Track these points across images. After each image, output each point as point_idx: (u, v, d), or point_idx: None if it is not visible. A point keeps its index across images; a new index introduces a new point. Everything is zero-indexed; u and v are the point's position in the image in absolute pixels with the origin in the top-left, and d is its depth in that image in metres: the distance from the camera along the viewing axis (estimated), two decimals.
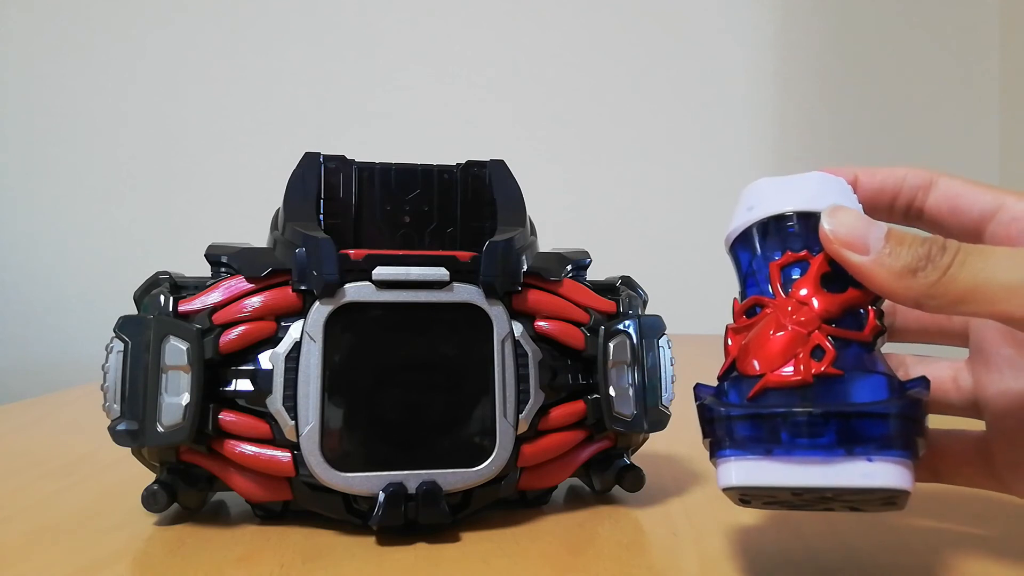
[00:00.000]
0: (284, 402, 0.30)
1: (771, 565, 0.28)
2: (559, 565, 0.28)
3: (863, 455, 0.22)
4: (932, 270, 0.22)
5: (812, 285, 0.24)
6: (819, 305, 0.24)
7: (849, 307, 0.24)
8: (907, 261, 0.23)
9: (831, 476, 0.22)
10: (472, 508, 0.32)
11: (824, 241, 0.24)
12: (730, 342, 0.25)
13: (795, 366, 0.23)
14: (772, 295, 0.25)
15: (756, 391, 0.23)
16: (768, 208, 0.26)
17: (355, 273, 0.31)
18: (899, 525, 0.32)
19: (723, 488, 0.24)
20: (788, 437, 0.22)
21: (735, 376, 0.25)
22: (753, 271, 0.26)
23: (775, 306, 0.24)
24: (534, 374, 0.32)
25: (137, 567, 0.28)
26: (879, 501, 0.23)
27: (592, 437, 0.35)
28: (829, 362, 0.23)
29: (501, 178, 0.36)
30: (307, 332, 0.30)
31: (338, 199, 0.34)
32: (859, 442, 0.22)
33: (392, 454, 0.30)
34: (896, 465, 0.22)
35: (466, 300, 0.31)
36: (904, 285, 0.23)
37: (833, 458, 0.22)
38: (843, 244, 0.23)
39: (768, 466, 0.23)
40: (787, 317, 0.24)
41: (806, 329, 0.24)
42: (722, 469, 0.24)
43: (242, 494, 0.32)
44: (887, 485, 0.22)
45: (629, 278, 0.37)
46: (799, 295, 0.24)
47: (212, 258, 0.33)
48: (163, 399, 0.30)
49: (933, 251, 0.22)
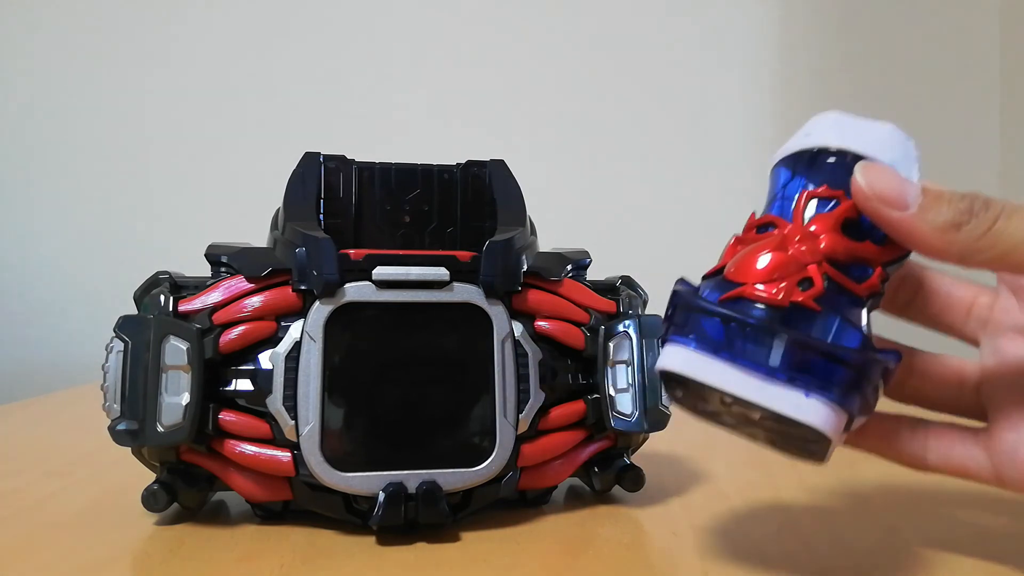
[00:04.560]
0: (284, 402, 0.30)
1: (771, 565, 0.28)
2: (559, 565, 0.28)
3: (802, 387, 0.22)
4: (977, 224, 0.22)
5: (830, 223, 0.24)
6: (827, 243, 0.24)
7: (857, 258, 0.24)
8: (951, 216, 0.22)
9: (763, 395, 0.22)
10: (472, 508, 0.32)
11: (858, 196, 0.24)
12: (727, 247, 0.25)
13: (777, 286, 0.23)
14: (790, 219, 0.25)
15: (730, 296, 0.23)
16: (823, 139, 0.25)
17: (355, 273, 0.31)
18: (899, 525, 0.32)
19: (659, 369, 0.24)
20: (740, 345, 0.22)
21: (719, 279, 0.24)
22: (784, 194, 0.26)
23: (786, 229, 0.24)
24: (534, 374, 0.32)
25: (137, 567, 0.28)
26: (799, 443, 0.23)
27: (592, 437, 0.35)
28: (812, 296, 0.23)
29: (501, 178, 0.36)
30: (307, 332, 0.30)
31: (338, 199, 0.34)
32: (804, 374, 0.22)
33: (392, 454, 0.30)
34: (829, 409, 0.22)
35: (466, 300, 0.31)
36: (948, 239, 0.22)
37: (773, 380, 0.22)
38: (880, 199, 0.23)
39: (710, 364, 0.23)
40: (792, 243, 0.24)
41: (805, 259, 0.23)
42: (668, 350, 0.24)
43: (242, 494, 0.32)
44: (812, 423, 0.22)
45: (629, 278, 0.37)
46: (812, 228, 0.24)
47: (212, 258, 0.33)
48: (163, 399, 0.30)
49: (976, 206, 0.22)
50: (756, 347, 0.22)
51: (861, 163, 0.24)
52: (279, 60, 1.07)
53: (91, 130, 1.05)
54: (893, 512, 0.34)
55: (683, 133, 1.11)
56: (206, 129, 1.06)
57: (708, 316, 0.23)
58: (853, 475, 0.40)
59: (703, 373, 0.23)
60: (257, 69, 1.07)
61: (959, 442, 0.26)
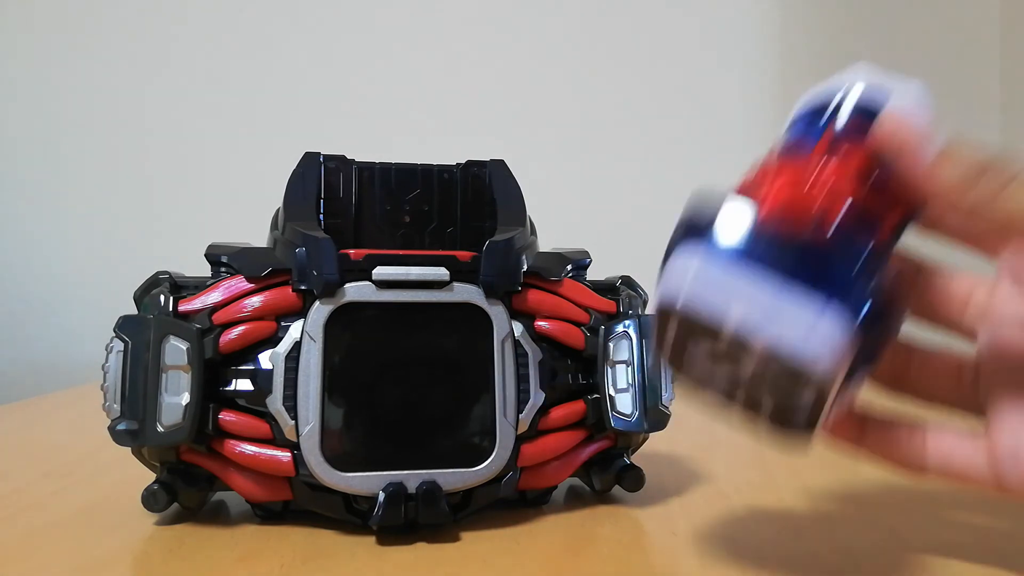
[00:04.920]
0: (284, 402, 0.30)
1: (771, 565, 0.28)
2: (559, 565, 0.28)
3: (822, 295, 0.21)
4: (993, 179, 0.23)
5: (849, 167, 0.24)
6: (845, 183, 0.24)
7: (871, 205, 0.24)
8: (967, 169, 0.23)
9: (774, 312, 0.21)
10: (472, 508, 0.32)
11: (880, 142, 0.24)
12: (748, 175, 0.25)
13: (795, 218, 0.23)
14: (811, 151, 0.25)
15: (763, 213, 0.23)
16: (851, 87, 0.26)
17: (355, 273, 0.31)
18: (899, 526, 0.32)
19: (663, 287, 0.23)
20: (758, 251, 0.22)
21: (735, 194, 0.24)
22: (809, 131, 0.26)
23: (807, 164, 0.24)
24: (534, 374, 0.32)
25: (137, 567, 0.28)
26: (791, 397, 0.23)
27: (592, 437, 0.35)
28: (834, 217, 0.23)
29: (501, 178, 0.36)
30: (307, 332, 0.30)
31: (338, 199, 0.34)
32: (823, 286, 0.21)
33: (392, 454, 0.30)
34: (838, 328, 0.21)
35: (466, 300, 0.31)
36: (962, 191, 0.23)
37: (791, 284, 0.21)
38: (901, 147, 0.24)
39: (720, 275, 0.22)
40: (810, 176, 0.24)
41: (823, 196, 0.23)
42: (672, 264, 0.23)
43: (242, 494, 0.32)
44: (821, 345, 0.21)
45: (629, 278, 0.37)
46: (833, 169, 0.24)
47: (212, 258, 0.33)
48: (163, 399, 0.30)
49: (993, 164, 0.23)
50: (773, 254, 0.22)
51: (885, 112, 0.24)
52: (279, 60, 1.07)
53: (91, 130, 1.05)
54: (893, 513, 0.34)
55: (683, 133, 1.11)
56: (206, 129, 1.06)
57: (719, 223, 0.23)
58: (853, 476, 0.40)
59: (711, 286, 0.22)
60: (257, 69, 1.07)
61: (958, 447, 0.26)
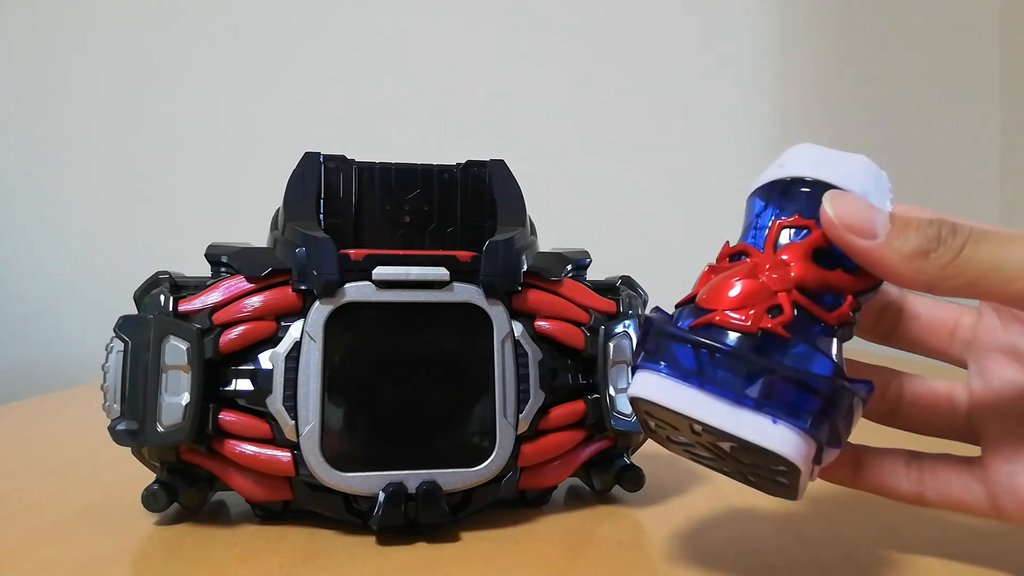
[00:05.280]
0: (284, 402, 0.30)
1: (771, 565, 0.28)
2: (559, 565, 0.28)
3: (769, 414, 0.22)
4: (944, 251, 0.22)
5: (800, 252, 0.24)
6: (797, 271, 0.23)
7: (828, 287, 0.24)
8: (917, 244, 0.22)
9: (731, 422, 0.22)
10: (472, 508, 0.32)
11: (827, 225, 0.23)
12: (700, 276, 0.25)
13: (747, 314, 0.23)
14: (762, 248, 0.25)
15: (701, 322, 0.23)
16: (796, 170, 0.25)
17: (355, 273, 0.31)
18: (899, 526, 0.32)
19: (630, 396, 0.24)
20: (710, 371, 0.22)
21: (691, 307, 0.24)
22: (758, 224, 0.26)
23: (758, 258, 0.24)
24: (534, 374, 0.32)
25: (137, 567, 0.28)
26: (771, 475, 0.23)
27: (592, 437, 0.35)
28: (781, 323, 0.23)
29: (501, 177, 0.36)
30: (307, 332, 0.30)
31: (338, 199, 0.34)
32: (772, 401, 0.22)
33: (392, 454, 0.30)
34: (796, 436, 0.22)
35: (466, 300, 0.31)
36: (915, 268, 0.22)
37: (741, 407, 0.22)
38: (848, 228, 0.23)
39: (679, 390, 0.23)
40: (763, 271, 0.24)
41: (775, 287, 0.23)
42: (638, 377, 0.24)
43: (242, 494, 0.32)
44: (779, 450, 0.21)
45: (629, 278, 0.37)
46: (783, 256, 0.24)
47: (212, 258, 0.33)
48: (163, 399, 0.30)
49: (943, 233, 0.22)
50: (725, 373, 0.22)
51: (830, 192, 0.24)
52: (279, 60, 1.07)
53: (91, 130, 1.05)
54: (893, 513, 0.34)
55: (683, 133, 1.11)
56: (206, 129, 1.06)
57: (678, 342, 0.23)
58: None
59: (672, 399, 0.23)
60: (257, 69, 1.07)
61: (955, 476, 0.26)
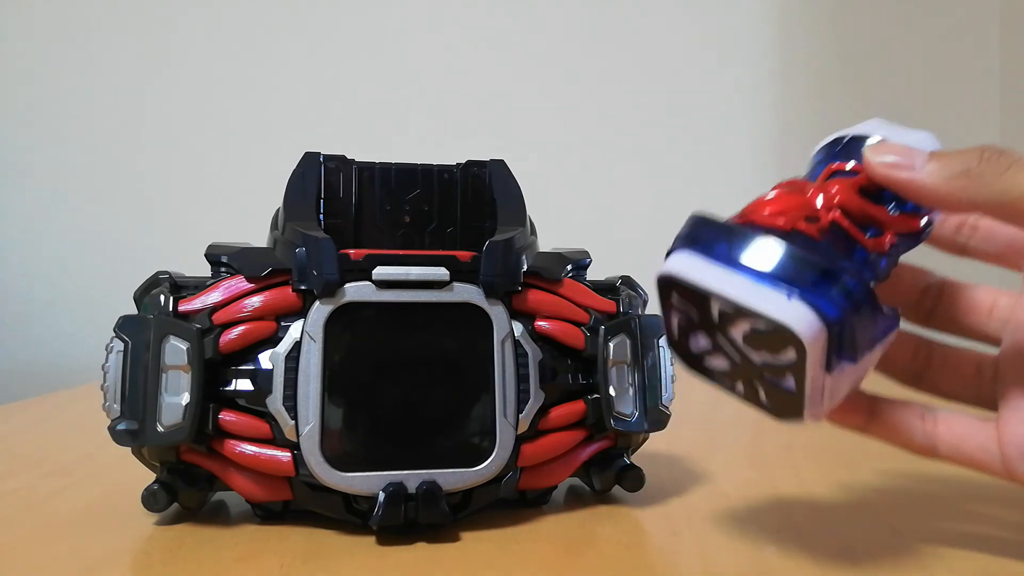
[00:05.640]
0: (284, 402, 0.30)
1: (771, 565, 0.28)
2: (559, 565, 0.28)
3: (785, 291, 0.22)
4: (989, 168, 0.23)
5: (847, 184, 0.25)
6: (840, 196, 0.25)
7: (870, 219, 0.25)
8: (960, 166, 0.23)
9: (747, 294, 0.23)
10: (472, 508, 0.32)
11: (868, 164, 0.25)
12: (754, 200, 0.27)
13: (786, 218, 0.24)
14: (813, 181, 0.26)
15: (739, 219, 0.25)
16: (859, 130, 0.27)
17: (355, 273, 0.31)
18: (899, 526, 0.32)
19: (659, 276, 0.26)
20: (736, 252, 0.23)
21: (738, 215, 0.26)
22: (814, 170, 0.27)
23: (807, 186, 0.26)
24: (534, 374, 0.32)
25: (137, 567, 0.28)
26: (781, 375, 0.24)
27: (592, 437, 0.35)
28: (817, 229, 0.24)
29: (501, 177, 0.36)
30: (307, 332, 0.30)
31: (338, 199, 0.34)
32: (794, 281, 0.22)
33: (392, 454, 0.30)
34: (810, 313, 0.22)
35: (466, 300, 0.31)
36: (958, 185, 0.23)
37: (760, 282, 0.23)
38: (888, 165, 0.24)
39: (705, 267, 0.24)
40: (808, 190, 0.25)
41: (815, 203, 0.25)
42: (669, 259, 0.25)
43: (242, 494, 0.32)
44: (789, 323, 0.22)
45: (629, 278, 0.37)
46: (830, 186, 0.25)
47: (212, 258, 0.33)
48: (163, 399, 0.30)
49: (987, 153, 0.23)
50: (750, 254, 0.23)
51: (872, 141, 0.25)
52: (279, 60, 1.07)
53: (91, 130, 1.05)
54: (893, 513, 0.34)
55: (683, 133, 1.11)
56: (206, 129, 1.06)
57: (711, 228, 0.24)
58: (853, 475, 0.40)
59: (695, 273, 0.24)
60: (257, 69, 1.07)
61: (969, 432, 0.26)
